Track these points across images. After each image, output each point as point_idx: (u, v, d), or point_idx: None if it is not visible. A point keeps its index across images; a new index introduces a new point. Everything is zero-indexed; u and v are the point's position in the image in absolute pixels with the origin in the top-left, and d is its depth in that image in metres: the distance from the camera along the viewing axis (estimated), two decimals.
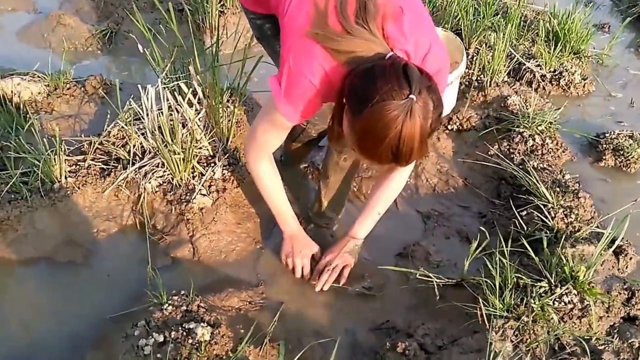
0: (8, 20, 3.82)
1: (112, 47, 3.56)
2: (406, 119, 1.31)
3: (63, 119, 2.72)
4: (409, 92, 1.31)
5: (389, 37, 1.49)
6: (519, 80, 3.16)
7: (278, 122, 1.71)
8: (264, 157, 1.90)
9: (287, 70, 1.56)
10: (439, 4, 3.66)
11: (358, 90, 1.40)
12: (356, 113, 1.39)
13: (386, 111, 1.31)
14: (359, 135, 1.41)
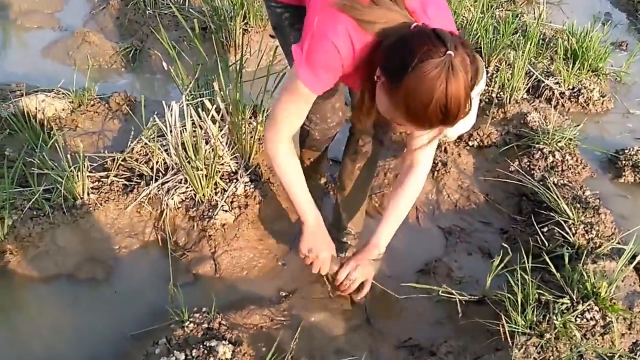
0: (34, 38, 3.83)
1: (136, 64, 3.56)
2: (449, 75, 1.25)
3: (87, 136, 2.70)
4: (445, 50, 1.26)
5: (412, 12, 1.45)
6: (539, 98, 3.11)
7: (298, 92, 1.60)
8: (284, 140, 1.73)
9: (311, 34, 1.50)
10: (459, 22, 3.62)
11: (394, 59, 1.35)
12: (396, 82, 1.32)
13: (427, 72, 1.25)
14: (403, 104, 1.33)
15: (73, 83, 2.93)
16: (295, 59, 1.55)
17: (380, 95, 1.44)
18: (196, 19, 3.65)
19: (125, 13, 3.90)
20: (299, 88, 1.58)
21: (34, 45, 3.70)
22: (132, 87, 3.36)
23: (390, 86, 1.36)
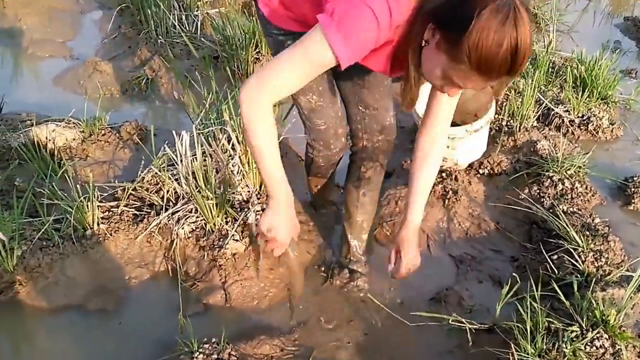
0: (45, 67, 3.87)
1: (148, 93, 3.58)
2: (517, 17, 1.17)
3: (97, 165, 2.72)
4: None
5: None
6: (548, 125, 3.11)
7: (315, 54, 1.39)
8: (268, 105, 1.44)
9: None
10: None
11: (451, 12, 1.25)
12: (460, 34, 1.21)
13: (495, 17, 1.17)
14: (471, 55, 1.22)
15: (84, 112, 2.94)
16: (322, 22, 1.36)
17: (433, 56, 1.33)
18: (208, 48, 3.73)
19: (137, 42, 3.94)
20: (319, 51, 1.37)
21: (45, 74, 3.74)
22: (143, 115, 3.38)
23: (451, 41, 1.26)
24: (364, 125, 2.01)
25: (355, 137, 2.05)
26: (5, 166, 2.62)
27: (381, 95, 1.95)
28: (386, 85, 1.96)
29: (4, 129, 2.81)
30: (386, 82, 1.95)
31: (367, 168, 2.08)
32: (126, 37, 4.01)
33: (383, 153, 2.06)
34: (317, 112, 1.95)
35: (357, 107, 1.99)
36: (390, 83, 1.99)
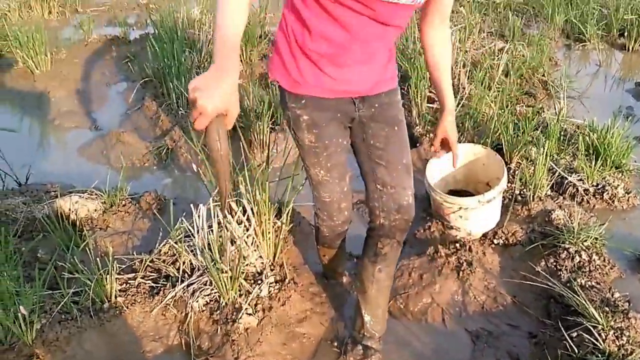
0: (71, 137, 3.97)
1: (167, 162, 3.64)
2: None
3: (117, 236, 2.74)
4: None
5: None
6: (562, 194, 3.08)
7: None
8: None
9: None
10: (479, 119, 3.67)
11: None
12: None
13: None
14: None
15: (107, 182, 3.00)
16: None
17: None
18: None
19: (159, 113, 4.04)
20: None
21: (70, 145, 3.84)
22: (162, 185, 3.43)
23: None
24: (381, 203, 1.99)
25: (373, 214, 2.04)
26: (29, 237, 2.66)
27: (399, 174, 1.94)
28: (405, 164, 1.94)
29: (29, 200, 2.87)
30: (405, 161, 1.95)
31: (383, 245, 2.06)
32: (149, 108, 4.11)
33: (400, 231, 2.04)
34: (323, 185, 1.98)
35: (375, 185, 1.98)
36: (410, 161, 1.97)
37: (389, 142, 1.91)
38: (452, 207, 2.65)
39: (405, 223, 2.01)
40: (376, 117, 1.88)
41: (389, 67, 1.87)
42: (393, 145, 1.91)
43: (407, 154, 1.96)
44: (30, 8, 6.25)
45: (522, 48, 4.84)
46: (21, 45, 4.58)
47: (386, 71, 1.86)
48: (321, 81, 1.75)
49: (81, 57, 5.01)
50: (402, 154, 1.94)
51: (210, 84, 1.26)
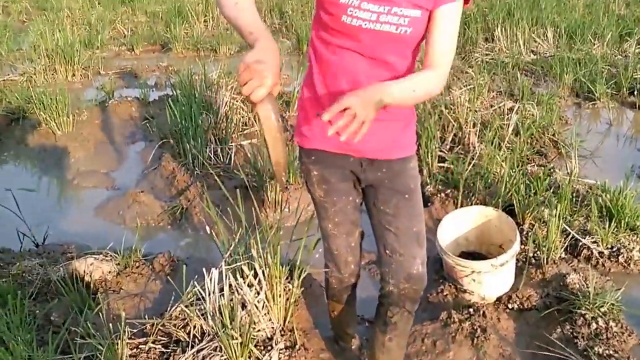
0: (89, 197, 4.00)
1: (181, 222, 3.64)
2: None
3: (129, 298, 2.72)
4: None
5: None
6: (577, 257, 3.01)
7: None
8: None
9: None
10: (490, 179, 3.64)
11: None
12: None
13: None
14: None
15: (122, 243, 3.00)
16: None
17: None
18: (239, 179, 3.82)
19: (175, 173, 4.07)
20: None
21: (87, 205, 3.86)
22: (176, 245, 3.42)
23: None
24: (390, 270, 1.93)
25: (383, 280, 1.99)
26: (44, 299, 2.65)
27: (408, 242, 1.88)
28: (415, 232, 1.88)
29: (45, 262, 2.87)
30: (415, 229, 1.88)
31: (393, 313, 2.00)
32: (165, 168, 4.15)
33: (410, 300, 1.97)
34: (331, 238, 2.01)
35: (384, 251, 1.93)
36: (421, 229, 1.91)
37: (399, 210, 1.86)
38: (465, 270, 2.60)
39: (414, 292, 1.95)
40: (386, 184, 1.85)
41: (405, 132, 1.83)
42: (403, 214, 1.86)
43: (419, 223, 1.90)
44: (55, 71, 6.42)
45: (532, 107, 4.84)
46: (45, 107, 4.68)
47: (401, 136, 1.81)
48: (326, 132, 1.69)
49: (102, 118, 5.11)
50: (412, 223, 1.88)
51: (268, 58, 1.31)
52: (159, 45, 8.47)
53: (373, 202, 1.91)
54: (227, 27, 9.36)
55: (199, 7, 9.87)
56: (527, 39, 7.62)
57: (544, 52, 7.44)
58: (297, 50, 8.26)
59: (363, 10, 1.56)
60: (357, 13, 1.56)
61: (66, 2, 10.23)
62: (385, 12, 1.55)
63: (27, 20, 10.42)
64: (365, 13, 1.56)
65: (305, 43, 8.25)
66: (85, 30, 8.72)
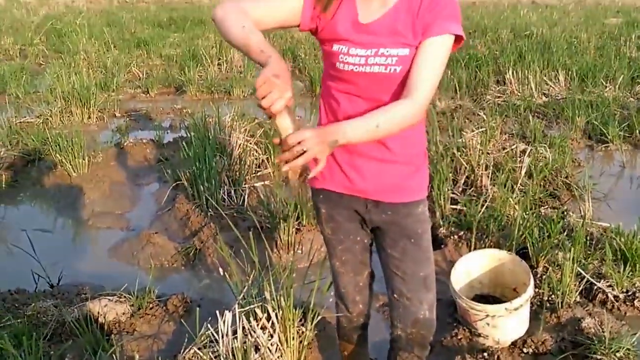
0: (103, 237, 4.05)
1: (195, 263, 3.68)
2: None
3: (143, 340, 2.74)
4: None
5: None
6: (592, 301, 3.01)
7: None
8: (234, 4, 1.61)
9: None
10: (503, 222, 3.66)
11: None
12: None
13: None
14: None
15: (135, 284, 3.03)
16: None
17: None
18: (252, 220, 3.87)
19: (189, 215, 4.12)
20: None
21: (102, 246, 3.91)
22: (189, 286, 3.44)
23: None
24: (398, 314, 1.96)
25: (392, 324, 2.02)
26: (58, 340, 2.68)
27: (415, 287, 1.89)
28: (422, 277, 1.89)
29: (60, 303, 2.91)
30: (422, 274, 1.89)
31: (402, 358, 2.02)
32: (179, 210, 4.20)
33: (418, 346, 1.98)
34: (339, 277, 2.06)
35: (392, 293, 1.96)
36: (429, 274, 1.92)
37: (406, 254, 1.87)
38: (479, 314, 2.61)
39: (422, 338, 1.96)
40: (392, 227, 1.87)
41: (414, 177, 1.83)
42: (410, 258, 1.87)
43: (427, 267, 1.90)
44: (71, 113, 6.56)
45: (544, 150, 4.89)
46: (60, 149, 4.79)
47: (409, 180, 1.82)
48: (333, 172, 1.81)
49: (117, 159, 5.21)
50: (419, 267, 1.89)
51: (283, 72, 1.41)
52: (174, 87, 8.66)
53: (381, 244, 1.94)
54: (241, 70, 9.57)
55: (213, 50, 10.11)
56: (538, 81, 7.73)
57: (555, 94, 7.53)
58: (310, 92, 8.41)
59: (352, 55, 1.65)
60: (347, 59, 1.65)
61: (82, 46, 10.48)
62: (372, 55, 1.62)
63: (44, 63, 10.70)
64: (354, 58, 1.65)
65: (317, 85, 8.40)
66: (101, 73, 8.94)
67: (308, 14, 1.67)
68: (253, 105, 7.66)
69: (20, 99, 7.37)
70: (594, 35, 11.97)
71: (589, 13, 18.29)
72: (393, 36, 1.61)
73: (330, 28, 1.67)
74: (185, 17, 17.05)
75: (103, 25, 14.37)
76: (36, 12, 18.55)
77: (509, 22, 15.04)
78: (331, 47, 1.68)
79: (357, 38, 1.63)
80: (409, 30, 1.60)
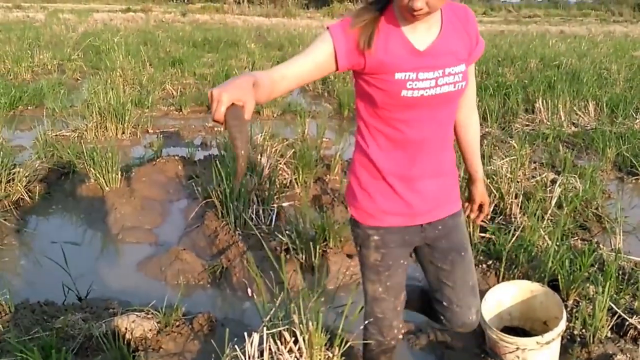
0: (132, 252, 4.05)
1: (221, 282, 3.64)
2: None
3: (168, 357, 2.71)
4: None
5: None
6: (623, 337, 2.89)
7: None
8: None
9: None
10: (533, 252, 3.57)
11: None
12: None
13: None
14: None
15: (163, 300, 3.01)
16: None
17: None
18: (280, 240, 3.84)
19: (217, 232, 4.11)
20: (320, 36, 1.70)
21: (130, 260, 3.91)
22: (215, 305, 3.41)
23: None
24: (447, 318, 2.07)
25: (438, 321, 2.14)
26: (85, 355, 2.66)
27: (465, 295, 2.01)
28: (471, 286, 2.03)
29: (88, 317, 2.90)
30: (471, 283, 2.03)
31: None
32: (208, 227, 4.19)
33: None
34: (379, 302, 2.04)
35: (442, 303, 2.04)
36: (476, 282, 2.05)
37: (455, 266, 1.99)
38: (509, 346, 2.53)
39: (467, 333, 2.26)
40: (442, 242, 1.98)
41: (455, 187, 1.98)
42: (459, 268, 1.99)
43: (474, 276, 2.05)
44: (106, 129, 6.63)
45: (574, 180, 4.79)
46: (94, 163, 4.82)
47: (455, 189, 1.98)
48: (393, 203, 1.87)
49: (149, 175, 5.23)
50: (468, 277, 2.02)
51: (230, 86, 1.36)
52: (206, 106, 8.71)
53: (429, 260, 2.03)
54: None
55: (245, 70, 10.19)
56: (568, 111, 7.63)
57: (584, 124, 7.42)
58: (339, 114, 8.42)
59: (421, 80, 1.67)
60: (417, 84, 1.67)
61: (119, 63, 10.65)
62: (441, 75, 1.69)
63: (81, 79, 10.92)
64: (425, 82, 1.68)
65: (346, 108, 8.40)
66: (136, 90, 9.06)
67: (344, 53, 1.67)
68: (283, 125, 7.70)
69: (57, 113, 7.47)
70: (624, 66, 11.82)
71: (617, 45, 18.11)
72: (451, 55, 1.71)
73: (383, 61, 1.67)
74: (219, 38, 17.31)
75: (139, 43, 14.64)
76: (75, 29, 19.00)
77: (537, 51, 14.93)
78: (391, 77, 1.67)
79: (423, 63, 1.68)
80: (461, 47, 1.74)
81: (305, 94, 10.50)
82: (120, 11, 36.07)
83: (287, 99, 9.22)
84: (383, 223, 1.89)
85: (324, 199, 4.81)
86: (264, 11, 44.39)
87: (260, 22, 29.42)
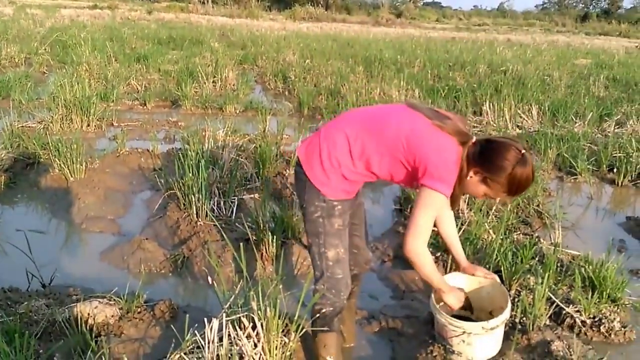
0: (95, 241, 3.96)
1: (182, 270, 3.60)
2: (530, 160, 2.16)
3: (130, 343, 2.66)
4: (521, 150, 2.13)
5: None
6: (561, 325, 2.98)
7: (438, 204, 2.16)
8: (426, 242, 2.24)
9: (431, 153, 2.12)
10: (479, 245, 3.65)
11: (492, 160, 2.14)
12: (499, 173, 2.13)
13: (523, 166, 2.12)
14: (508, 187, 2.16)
15: (125, 287, 2.95)
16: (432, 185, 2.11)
17: (476, 185, 2.22)
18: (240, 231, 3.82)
19: (179, 223, 4.05)
20: (438, 201, 2.14)
21: (94, 249, 3.82)
22: (176, 292, 3.37)
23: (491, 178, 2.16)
24: (356, 261, 2.66)
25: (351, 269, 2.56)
26: (48, 339, 2.59)
27: (363, 240, 2.71)
28: (368, 232, 2.82)
29: (52, 303, 2.82)
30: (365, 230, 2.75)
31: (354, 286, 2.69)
32: (170, 218, 4.13)
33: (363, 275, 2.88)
34: (341, 263, 2.39)
35: (352, 250, 2.58)
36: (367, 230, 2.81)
37: (361, 221, 2.67)
38: (456, 330, 2.57)
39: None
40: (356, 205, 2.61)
41: None
42: (363, 223, 2.69)
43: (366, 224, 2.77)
44: (71, 121, 6.46)
45: None
46: (59, 154, 4.69)
47: None
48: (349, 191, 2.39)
49: (112, 167, 5.12)
50: (365, 227, 2.74)
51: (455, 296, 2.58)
52: (170, 101, 8.60)
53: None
54: (234, 88, 9.55)
55: (209, 68, 10.11)
56: (513, 114, 7.81)
57: (528, 127, 7.60)
58: (299, 112, 8.42)
59: None
60: None
61: (85, 58, 10.39)
62: None
63: (48, 72, 10.61)
64: None
65: (305, 106, 8.41)
66: (102, 84, 8.86)
67: None
68: (245, 121, 7.65)
69: (23, 105, 7.25)
70: (565, 74, 12.16)
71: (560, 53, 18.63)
72: None
73: None
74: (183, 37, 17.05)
75: (106, 39, 14.30)
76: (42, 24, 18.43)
77: (486, 57, 15.23)
78: None
79: None
80: None
81: (266, 92, 10.45)
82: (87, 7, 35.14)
83: (249, 97, 9.16)
84: (345, 197, 2.37)
85: (283, 192, 4.80)
86: (227, 11, 43.87)
87: (224, 22, 29.08)
